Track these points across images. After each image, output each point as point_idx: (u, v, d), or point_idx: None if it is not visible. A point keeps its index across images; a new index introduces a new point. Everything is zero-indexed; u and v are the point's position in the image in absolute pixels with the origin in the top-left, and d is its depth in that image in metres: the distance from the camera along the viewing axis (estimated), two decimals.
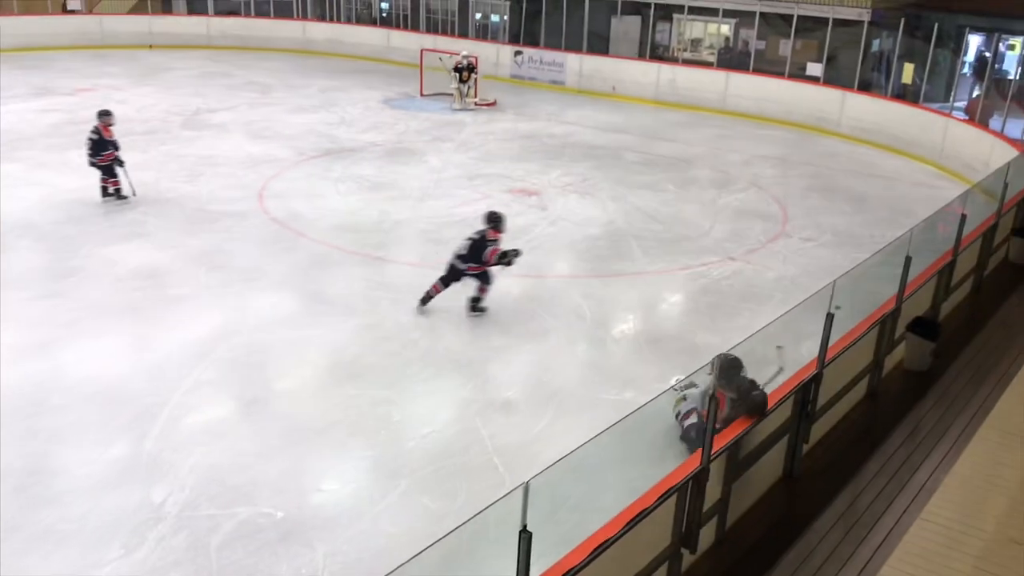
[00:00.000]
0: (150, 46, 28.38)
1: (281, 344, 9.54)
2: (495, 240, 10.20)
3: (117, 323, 9.76)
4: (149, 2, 29.63)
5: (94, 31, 28.01)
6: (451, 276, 10.31)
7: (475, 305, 10.37)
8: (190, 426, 7.91)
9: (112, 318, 9.86)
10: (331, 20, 30.78)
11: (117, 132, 13.99)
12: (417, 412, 8.33)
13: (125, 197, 13.97)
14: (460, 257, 10.23)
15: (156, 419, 7.90)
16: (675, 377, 8.61)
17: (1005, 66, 21.31)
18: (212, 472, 7.20)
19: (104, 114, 13.87)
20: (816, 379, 6.89)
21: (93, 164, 13.81)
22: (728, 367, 6.30)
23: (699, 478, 5.40)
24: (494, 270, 10.33)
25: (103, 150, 13.75)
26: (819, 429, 7.44)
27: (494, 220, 10.28)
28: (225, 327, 9.77)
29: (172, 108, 20.52)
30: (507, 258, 10.21)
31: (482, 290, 10.35)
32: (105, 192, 13.97)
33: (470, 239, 10.22)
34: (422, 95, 23.22)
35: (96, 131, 13.72)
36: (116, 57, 26.45)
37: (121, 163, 13.84)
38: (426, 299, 10.36)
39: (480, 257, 10.14)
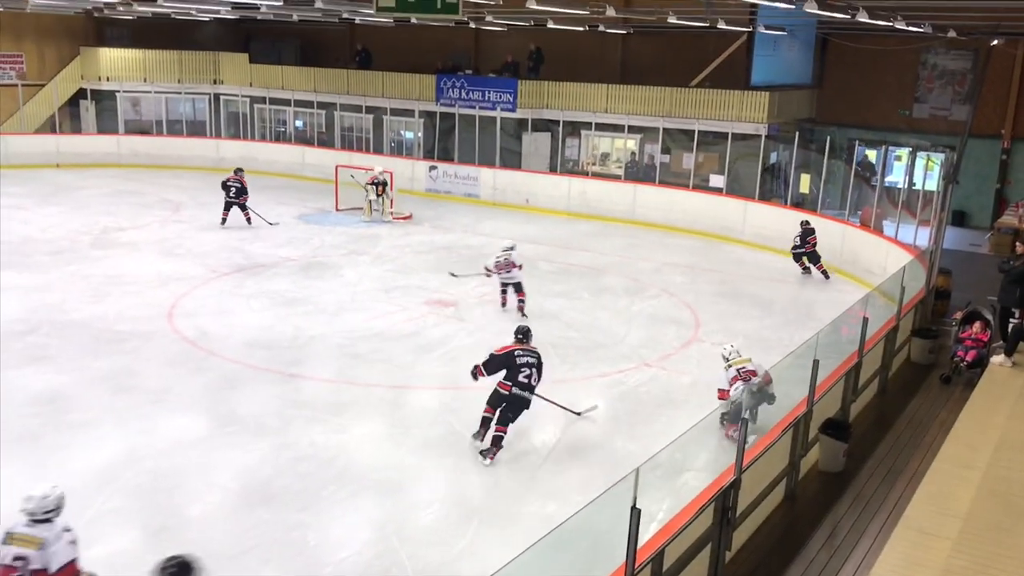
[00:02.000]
0: (57, 165, 27.92)
1: (190, 468, 9.18)
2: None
3: (11, 454, 9.22)
4: (57, 122, 29.31)
5: None
6: (801, 258, 17.96)
7: (824, 270, 17.77)
8: (90, 560, 7.39)
9: (5, 448, 9.33)
10: (245, 138, 30.90)
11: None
12: (334, 535, 8.05)
13: (250, 221, 20.49)
14: (797, 247, 17.75)
15: None
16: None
17: (894, 175, 22.57)
18: None
19: (239, 170, 20.74)
20: (735, 484, 6.93)
21: (234, 202, 20.31)
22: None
23: None
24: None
25: (243, 193, 20.38)
26: (740, 535, 7.44)
27: (809, 223, 17.83)
28: (131, 452, 9.37)
29: (80, 227, 20.06)
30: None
31: (820, 266, 17.71)
32: (224, 221, 20.43)
33: (801, 234, 17.67)
34: (337, 210, 23.30)
35: (238, 181, 20.34)
36: (20, 177, 25.83)
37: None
38: (825, 272, 17.71)
39: (805, 241, 17.69)
